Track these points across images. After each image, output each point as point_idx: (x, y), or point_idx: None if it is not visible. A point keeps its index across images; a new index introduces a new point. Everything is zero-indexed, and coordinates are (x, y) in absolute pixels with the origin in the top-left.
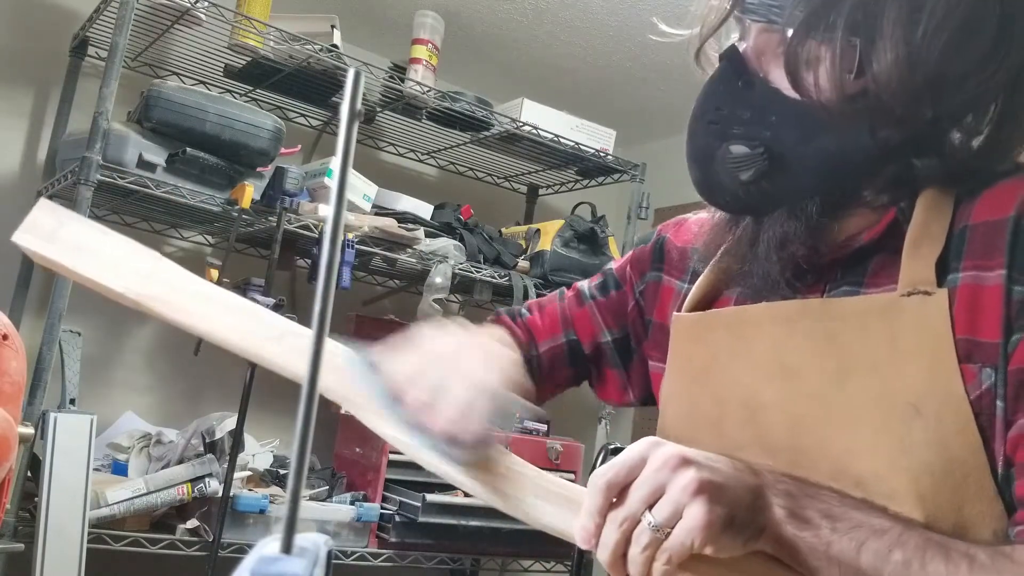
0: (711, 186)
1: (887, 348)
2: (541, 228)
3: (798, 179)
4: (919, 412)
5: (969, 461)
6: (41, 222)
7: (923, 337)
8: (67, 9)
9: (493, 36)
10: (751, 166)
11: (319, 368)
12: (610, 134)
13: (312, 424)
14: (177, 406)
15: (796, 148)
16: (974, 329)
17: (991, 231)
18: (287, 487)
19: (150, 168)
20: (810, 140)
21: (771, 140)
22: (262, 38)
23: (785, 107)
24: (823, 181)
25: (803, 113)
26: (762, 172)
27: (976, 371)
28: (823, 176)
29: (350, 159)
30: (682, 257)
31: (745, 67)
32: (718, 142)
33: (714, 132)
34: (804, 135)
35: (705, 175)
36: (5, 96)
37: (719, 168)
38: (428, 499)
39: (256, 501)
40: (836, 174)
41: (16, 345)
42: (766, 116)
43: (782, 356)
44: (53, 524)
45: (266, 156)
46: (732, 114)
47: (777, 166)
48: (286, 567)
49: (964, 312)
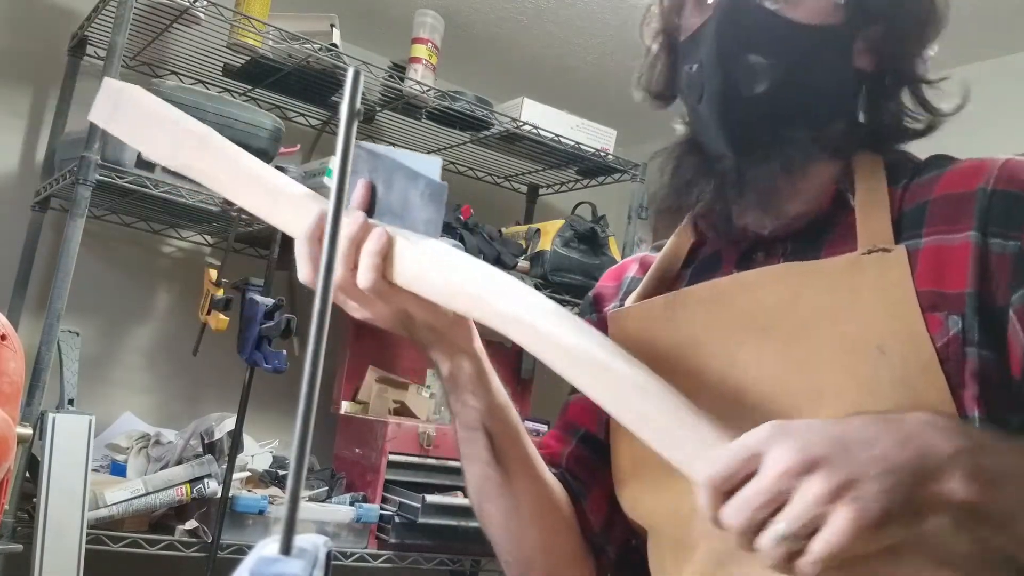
0: (727, 99)
1: (850, 299)
2: (541, 228)
3: (796, 100)
4: (883, 353)
5: (934, 402)
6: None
7: (885, 286)
8: (66, 8)
9: (493, 35)
10: (766, 79)
11: (319, 368)
12: (610, 134)
13: (311, 424)
14: (176, 407)
15: (799, 66)
16: (939, 282)
17: (954, 201)
18: (286, 488)
19: (149, 168)
20: (807, 60)
21: (782, 55)
22: (261, 37)
23: (785, 28)
24: (813, 106)
25: (800, 34)
26: (774, 87)
27: (942, 319)
28: (813, 100)
29: (350, 159)
30: (614, 292)
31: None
32: (738, 54)
33: (729, 39)
34: (802, 54)
35: (722, 82)
36: (3, 95)
37: (734, 75)
38: (428, 500)
39: (255, 502)
40: (820, 101)
41: (14, 345)
42: (774, 34)
43: (754, 318)
44: (52, 525)
45: (265, 155)
46: (747, 32)
47: (785, 82)
48: (285, 568)
49: (928, 270)
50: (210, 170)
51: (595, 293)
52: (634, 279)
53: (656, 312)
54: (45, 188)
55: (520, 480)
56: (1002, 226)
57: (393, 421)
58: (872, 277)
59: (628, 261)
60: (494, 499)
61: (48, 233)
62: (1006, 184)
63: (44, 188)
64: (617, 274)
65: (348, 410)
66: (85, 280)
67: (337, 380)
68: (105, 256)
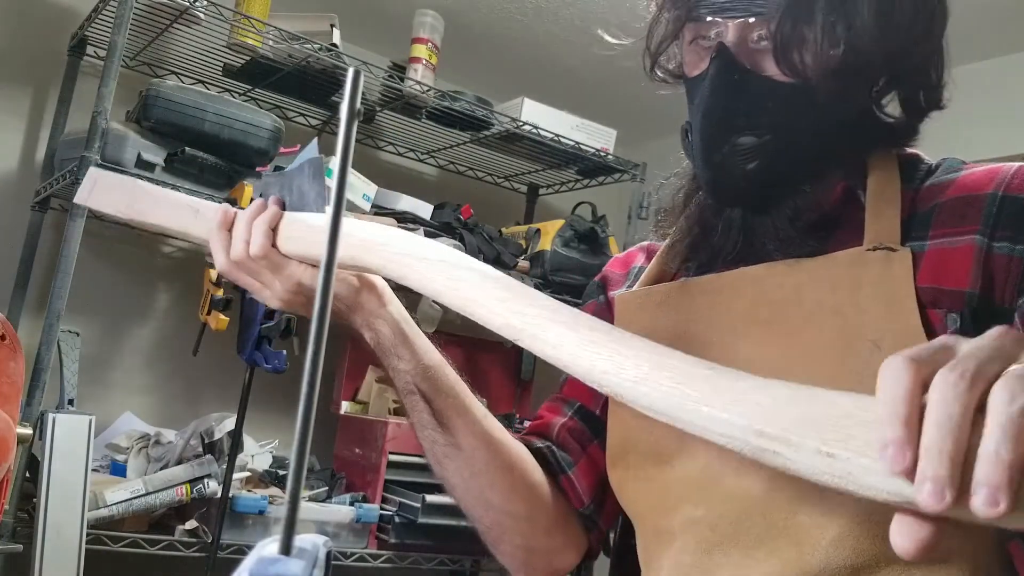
0: (721, 183)
1: (850, 295)
2: (541, 228)
3: (797, 161)
4: (878, 347)
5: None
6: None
7: (885, 284)
8: (65, 8)
9: (493, 35)
10: (757, 155)
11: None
12: (610, 134)
13: (311, 424)
14: (176, 407)
15: (795, 130)
16: (940, 279)
17: (962, 205)
18: (286, 488)
19: (149, 168)
20: (805, 120)
21: (773, 127)
22: (261, 37)
23: (779, 92)
24: (817, 158)
25: (795, 95)
26: (768, 160)
27: (942, 316)
28: (817, 153)
29: (349, 158)
30: (622, 278)
31: (735, 61)
32: (726, 137)
33: (723, 129)
34: (800, 116)
35: (716, 173)
36: (3, 95)
37: (728, 162)
38: (428, 500)
39: (255, 502)
40: (827, 148)
41: (14, 345)
42: (764, 104)
43: (757, 311)
44: (52, 525)
45: (265, 155)
46: (735, 108)
47: (780, 151)
48: (285, 568)
49: (930, 269)
50: (150, 211)
51: (602, 276)
52: (641, 268)
53: (661, 298)
54: (45, 188)
55: (466, 438)
56: (1011, 230)
57: (393, 421)
58: (874, 273)
59: (634, 250)
60: (445, 463)
61: (48, 233)
62: (1018, 190)
63: (44, 188)
64: (625, 262)
65: (348, 410)
66: (85, 280)
67: (337, 380)
68: (105, 256)
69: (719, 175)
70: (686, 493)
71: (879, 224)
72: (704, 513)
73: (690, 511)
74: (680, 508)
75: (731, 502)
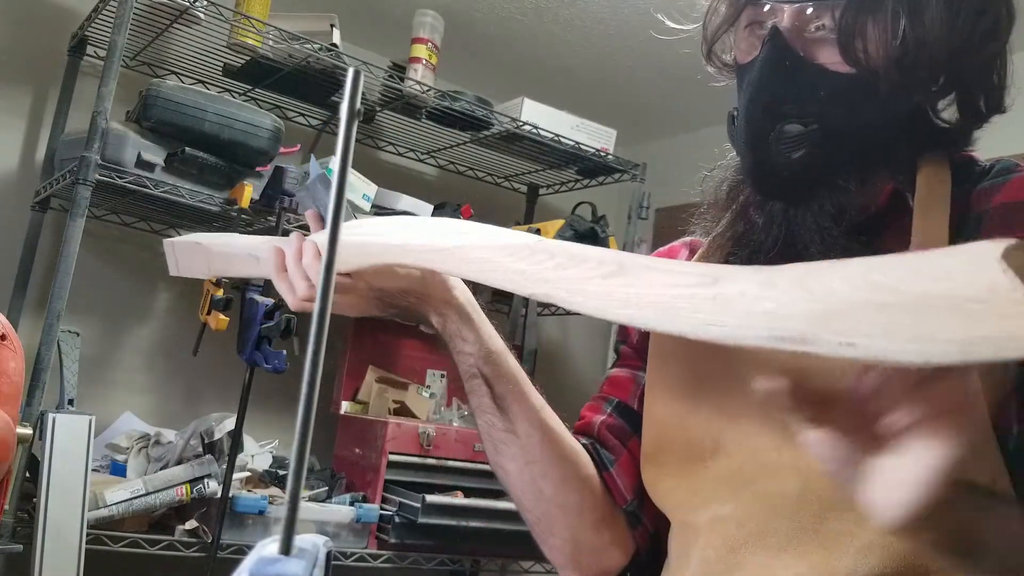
0: (762, 169)
1: None
2: (541, 228)
3: (843, 154)
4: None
5: (968, 401)
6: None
7: None
8: (65, 8)
9: (493, 35)
10: (804, 144)
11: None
12: (610, 134)
13: (311, 424)
14: (176, 406)
15: (845, 121)
16: None
17: (1011, 211)
18: (286, 488)
19: (149, 168)
20: (857, 112)
21: (822, 116)
22: (261, 37)
23: (832, 82)
24: (866, 153)
25: (850, 86)
26: (813, 150)
27: None
28: (867, 148)
29: (349, 158)
30: None
31: (788, 47)
32: (772, 124)
33: (770, 114)
34: (852, 108)
35: (759, 158)
36: (3, 95)
37: (773, 149)
38: (428, 500)
39: (255, 502)
40: (877, 144)
41: (14, 345)
42: (815, 93)
43: None
44: (52, 525)
45: (265, 155)
46: (784, 95)
47: (827, 142)
48: (285, 568)
49: None
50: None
51: None
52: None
53: None
54: (45, 188)
55: (523, 425)
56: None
57: (393, 421)
58: None
59: (677, 244)
60: (501, 448)
61: (48, 233)
62: None
63: (44, 188)
64: (667, 255)
65: (348, 410)
66: (85, 280)
67: (337, 380)
68: (105, 256)
69: (762, 162)
70: (716, 491)
71: (926, 229)
72: (732, 511)
73: (718, 508)
74: (709, 505)
75: (761, 502)
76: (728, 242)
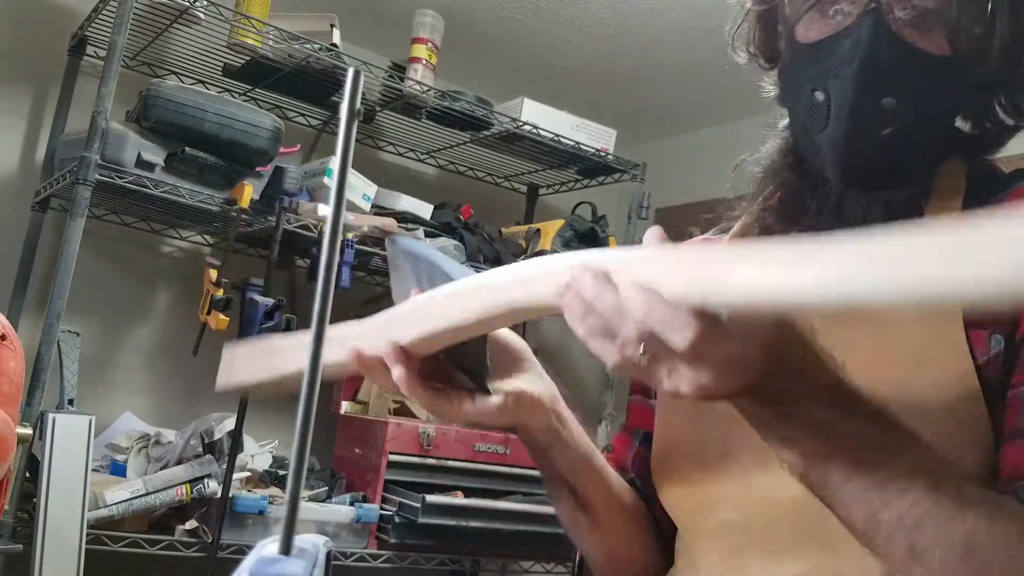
0: (855, 145)
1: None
2: (541, 228)
3: (924, 139)
4: (921, 360)
5: (966, 408)
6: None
7: None
8: (65, 8)
9: (493, 35)
10: (896, 121)
11: (319, 367)
12: (610, 134)
13: (311, 424)
14: (176, 406)
15: (929, 104)
16: None
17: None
18: (286, 488)
19: (149, 168)
20: (942, 97)
21: (914, 95)
22: (261, 37)
23: (926, 64)
24: (935, 141)
25: (940, 69)
26: (901, 128)
27: (986, 336)
28: (938, 135)
29: (349, 158)
30: None
31: (887, 24)
32: (873, 96)
33: (872, 87)
34: (939, 92)
35: (851, 129)
36: (3, 95)
37: (865, 122)
38: (428, 500)
39: (255, 502)
40: (945, 133)
41: (14, 345)
42: (908, 72)
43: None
44: (52, 525)
45: (265, 155)
46: (884, 70)
47: (914, 122)
48: (285, 568)
49: None
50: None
51: None
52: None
53: None
54: (45, 188)
55: (607, 517)
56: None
57: (393, 421)
58: None
59: (694, 243)
60: (584, 536)
61: (48, 233)
62: None
63: (44, 188)
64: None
65: (348, 410)
66: (85, 280)
67: (337, 380)
68: (105, 256)
69: (856, 137)
70: (723, 498)
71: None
72: (736, 517)
73: (724, 515)
74: (716, 512)
75: (764, 506)
76: (770, 217)
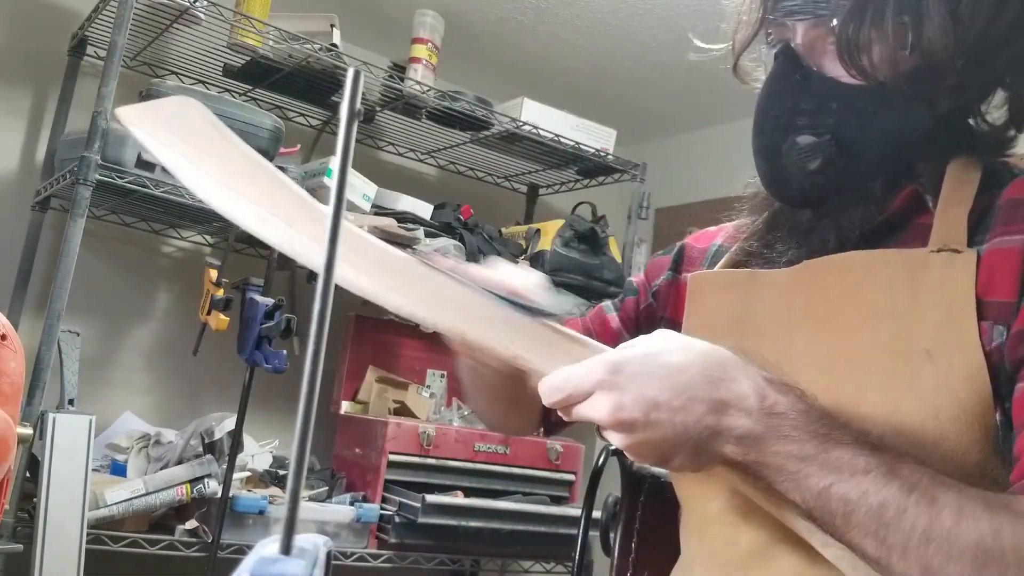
0: (779, 179)
1: (909, 298)
2: (541, 228)
3: (861, 162)
4: (931, 357)
5: (976, 409)
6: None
7: (945, 290)
8: (66, 8)
9: (493, 36)
10: (818, 155)
11: (319, 368)
12: (610, 134)
13: (312, 424)
14: (176, 406)
15: (859, 131)
16: (990, 289)
17: (1015, 205)
18: (286, 488)
19: (149, 168)
20: (872, 121)
21: (835, 127)
22: (261, 37)
23: (843, 93)
24: (885, 160)
25: (861, 96)
26: (829, 160)
27: (988, 328)
28: (885, 155)
29: (349, 158)
30: (701, 255)
31: (799, 61)
32: (784, 136)
33: (780, 126)
34: (865, 117)
35: (773, 168)
36: (3, 95)
37: (787, 161)
38: (428, 500)
39: (255, 502)
40: (897, 151)
41: (15, 345)
42: (827, 105)
43: (815, 308)
44: (52, 525)
45: (265, 155)
46: (795, 107)
47: (842, 152)
48: (285, 568)
49: (985, 274)
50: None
51: (685, 248)
52: (719, 246)
53: (729, 283)
54: (45, 188)
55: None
56: None
57: (393, 421)
58: (935, 277)
59: (715, 230)
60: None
61: (48, 233)
62: None
63: (44, 188)
64: (706, 239)
65: (348, 410)
66: (85, 280)
67: (337, 380)
68: (105, 256)
69: (777, 174)
70: (724, 482)
71: (946, 225)
72: (740, 502)
73: (728, 499)
74: (719, 496)
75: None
76: (757, 239)
